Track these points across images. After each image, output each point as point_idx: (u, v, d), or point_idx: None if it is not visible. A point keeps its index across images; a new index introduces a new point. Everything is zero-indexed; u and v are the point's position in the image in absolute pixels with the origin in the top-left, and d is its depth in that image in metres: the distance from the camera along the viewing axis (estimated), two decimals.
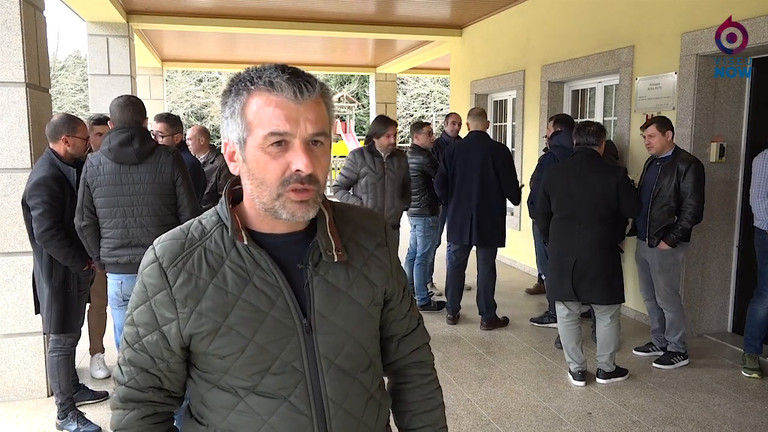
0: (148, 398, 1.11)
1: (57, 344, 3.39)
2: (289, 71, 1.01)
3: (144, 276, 1.08)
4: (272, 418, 1.06)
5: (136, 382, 1.11)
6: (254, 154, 1.02)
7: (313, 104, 1.02)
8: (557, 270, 3.93)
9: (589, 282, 3.80)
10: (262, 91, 1.01)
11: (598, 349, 4.02)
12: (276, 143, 1.00)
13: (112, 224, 3.00)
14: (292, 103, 1.00)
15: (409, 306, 1.28)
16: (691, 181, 3.98)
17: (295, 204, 1.02)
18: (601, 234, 3.80)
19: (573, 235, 3.84)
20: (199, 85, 28.91)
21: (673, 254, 4.15)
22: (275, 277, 1.07)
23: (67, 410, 3.39)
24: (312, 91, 1.01)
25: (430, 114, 29.27)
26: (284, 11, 8.04)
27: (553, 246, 4.03)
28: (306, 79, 1.01)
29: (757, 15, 4.13)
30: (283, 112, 0.99)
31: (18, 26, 3.54)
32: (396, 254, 1.24)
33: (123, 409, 1.11)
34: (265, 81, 1.00)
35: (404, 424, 1.30)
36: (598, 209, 3.80)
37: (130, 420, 1.11)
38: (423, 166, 5.50)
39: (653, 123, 4.13)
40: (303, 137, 1.00)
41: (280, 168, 1.01)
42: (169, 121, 4.12)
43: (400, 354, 1.28)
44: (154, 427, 1.12)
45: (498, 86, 7.91)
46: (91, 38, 7.67)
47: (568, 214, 3.88)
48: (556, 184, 3.94)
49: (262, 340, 1.05)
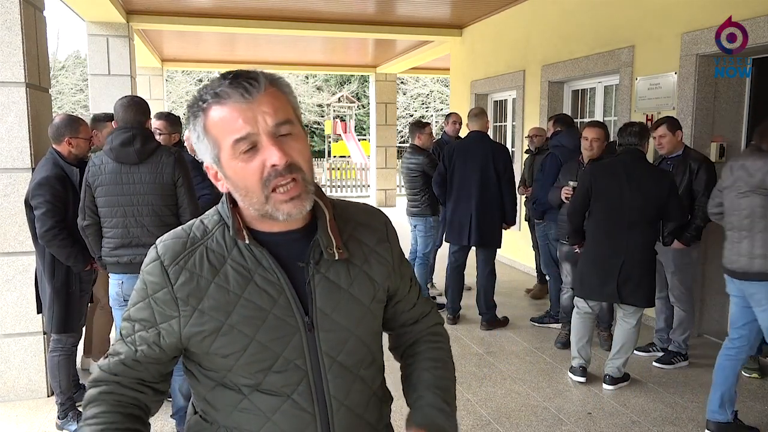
0: (116, 380, 1.11)
1: (58, 344, 3.40)
2: (231, 76, 1.02)
3: (145, 274, 1.08)
4: (275, 415, 1.07)
5: (109, 367, 1.11)
6: (230, 166, 1.03)
7: (267, 97, 1.01)
8: (600, 271, 3.81)
9: (635, 284, 3.72)
10: (213, 104, 1.02)
11: (615, 351, 3.92)
12: (247, 150, 1.00)
13: (112, 224, 3.00)
14: (243, 104, 1.00)
15: (417, 295, 1.30)
16: (704, 180, 3.98)
17: (287, 203, 1.02)
18: (648, 236, 3.73)
19: (620, 236, 3.72)
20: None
21: (688, 253, 4.16)
22: (277, 276, 1.07)
23: (67, 410, 3.39)
24: (258, 86, 1.01)
25: (430, 114, 29.27)
26: (284, 11, 8.05)
27: (592, 246, 3.89)
28: (248, 77, 1.01)
29: (757, 15, 4.14)
30: (238, 115, 1.00)
31: (18, 26, 3.54)
32: (398, 248, 1.24)
33: (91, 387, 1.12)
34: (212, 94, 1.01)
35: (413, 381, 1.25)
36: (648, 211, 3.69)
37: (94, 394, 1.10)
38: (423, 166, 5.50)
39: (664, 123, 4.10)
40: (267, 131, 1.00)
41: (257, 170, 1.01)
42: (169, 120, 4.13)
43: (416, 330, 1.30)
44: (116, 405, 1.09)
45: (498, 86, 7.91)
46: (91, 38, 7.68)
47: (612, 214, 3.75)
48: (603, 184, 3.79)
49: (264, 339, 1.05)
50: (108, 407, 1.08)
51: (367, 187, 17.44)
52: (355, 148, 22.77)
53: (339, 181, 18.02)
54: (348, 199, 1.27)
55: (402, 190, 15.03)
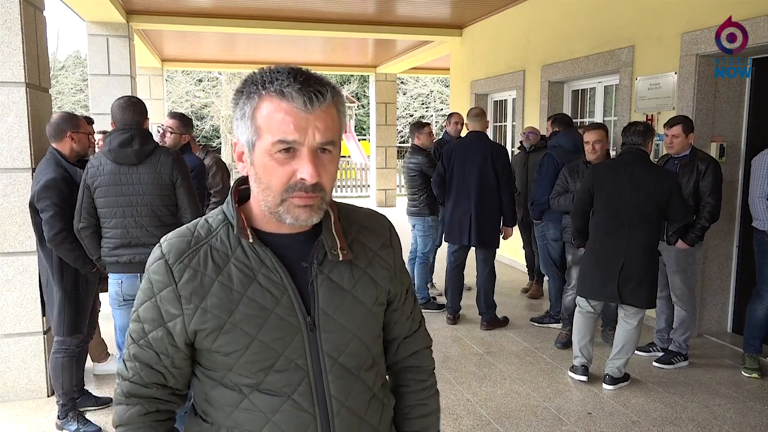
0: (152, 394, 1.12)
1: (62, 345, 3.38)
2: (301, 79, 1.00)
3: (150, 273, 1.09)
4: (276, 415, 1.07)
5: (140, 378, 1.11)
6: (262, 159, 1.02)
7: (323, 113, 1.01)
8: (601, 271, 3.81)
9: (635, 284, 3.71)
10: (273, 97, 1.00)
11: (616, 351, 3.91)
12: (284, 150, 1.00)
13: (112, 224, 2.99)
14: (302, 112, 0.99)
15: (411, 308, 1.28)
16: (710, 181, 3.97)
17: (299, 209, 1.03)
18: (649, 236, 3.72)
19: (621, 236, 3.72)
20: (199, 85, 28.89)
21: (692, 253, 4.15)
22: (280, 276, 1.07)
23: (67, 410, 3.38)
24: (323, 100, 1.00)
25: (430, 114, 29.26)
26: (284, 11, 8.05)
27: (594, 246, 3.89)
28: (317, 88, 1.00)
29: (757, 15, 4.14)
30: (293, 120, 0.99)
31: (18, 26, 3.54)
32: (400, 256, 1.24)
33: (126, 404, 1.12)
34: (276, 89, 1.00)
35: (396, 424, 1.31)
36: (649, 211, 3.68)
37: (132, 416, 1.11)
38: (421, 165, 5.50)
39: (679, 124, 4.06)
40: (311, 146, 1.00)
41: (286, 175, 1.01)
42: (182, 120, 4.13)
43: (399, 356, 1.29)
44: (155, 425, 1.12)
45: (498, 86, 7.91)
46: (91, 38, 7.68)
47: (614, 214, 3.75)
48: (605, 183, 3.79)
49: (266, 338, 1.05)
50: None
51: (367, 187, 17.44)
52: (355, 148, 22.76)
53: (339, 181, 18.00)
54: (350, 202, 1.27)
55: (402, 190, 15.06)
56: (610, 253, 3.77)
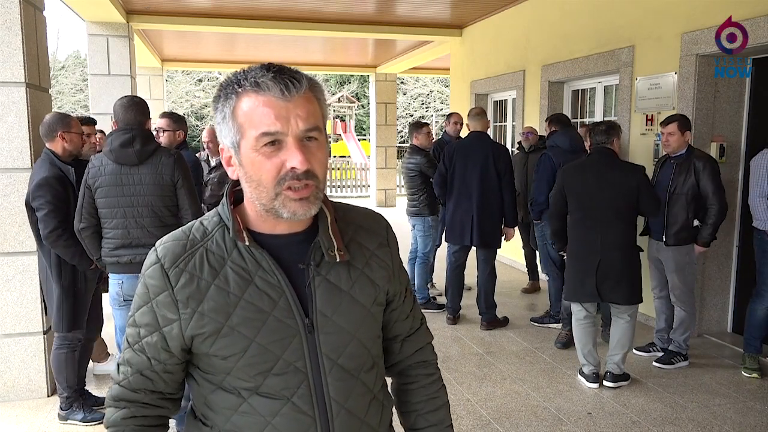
0: (139, 399, 1.12)
1: (64, 340, 3.41)
2: (275, 69, 1.01)
3: (146, 277, 1.08)
4: (275, 418, 1.06)
5: (129, 383, 1.11)
6: (249, 156, 1.02)
7: (303, 100, 1.01)
8: (579, 271, 3.85)
9: (613, 282, 3.75)
10: (249, 92, 1.00)
11: (612, 348, 3.94)
12: (269, 143, 1.00)
13: (112, 225, 3.00)
14: (280, 101, 0.99)
15: (411, 306, 1.28)
16: (710, 180, 3.98)
17: (295, 202, 1.02)
18: (622, 233, 3.76)
19: (594, 235, 3.78)
20: (199, 85, 28.91)
21: (688, 252, 4.16)
22: (277, 278, 1.07)
23: (72, 402, 3.41)
24: (299, 86, 1.00)
25: (430, 114, 29.26)
26: (284, 11, 8.05)
27: (571, 247, 3.95)
28: (292, 76, 1.01)
29: (757, 15, 4.14)
30: (273, 110, 0.99)
31: (18, 26, 3.54)
32: (398, 255, 1.24)
33: (114, 407, 1.13)
34: (251, 82, 1.00)
35: (410, 424, 1.30)
36: (618, 208, 3.74)
37: (118, 419, 1.12)
38: (420, 165, 5.50)
39: (675, 122, 4.07)
40: (295, 134, 1.00)
41: (275, 167, 1.00)
42: (172, 118, 4.14)
43: (404, 354, 1.28)
44: (141, 429, 1.12)
45: (498, 86, 7.91)
46: (91, 38, 7.68)
47: (587, 213, 3.82)
48: (574, 184, 3.87)
49: (264, 341, 1.05)
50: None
51: (367, 187, 17.44)
52: (355, 148, 22.78)
53: (339, 181, 18.00)
54: (348, 202, 1.27)
55: (402, 190, 15.06)
56: (586, 252, 3.83)
